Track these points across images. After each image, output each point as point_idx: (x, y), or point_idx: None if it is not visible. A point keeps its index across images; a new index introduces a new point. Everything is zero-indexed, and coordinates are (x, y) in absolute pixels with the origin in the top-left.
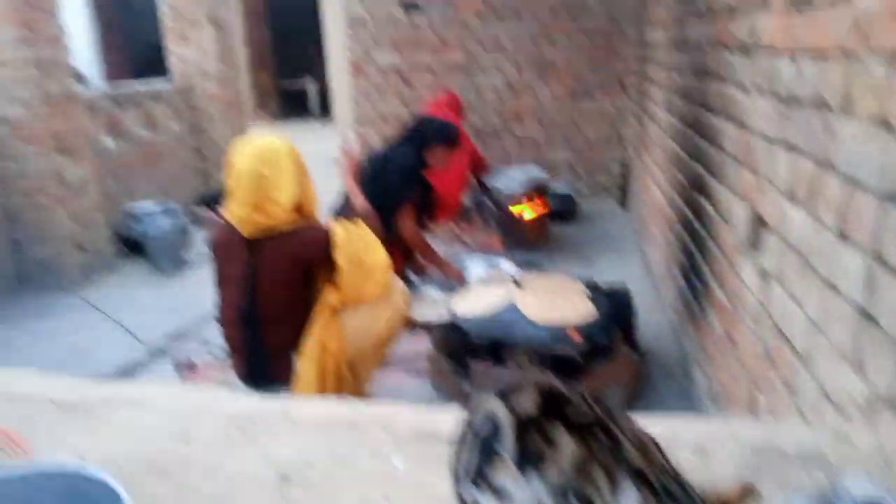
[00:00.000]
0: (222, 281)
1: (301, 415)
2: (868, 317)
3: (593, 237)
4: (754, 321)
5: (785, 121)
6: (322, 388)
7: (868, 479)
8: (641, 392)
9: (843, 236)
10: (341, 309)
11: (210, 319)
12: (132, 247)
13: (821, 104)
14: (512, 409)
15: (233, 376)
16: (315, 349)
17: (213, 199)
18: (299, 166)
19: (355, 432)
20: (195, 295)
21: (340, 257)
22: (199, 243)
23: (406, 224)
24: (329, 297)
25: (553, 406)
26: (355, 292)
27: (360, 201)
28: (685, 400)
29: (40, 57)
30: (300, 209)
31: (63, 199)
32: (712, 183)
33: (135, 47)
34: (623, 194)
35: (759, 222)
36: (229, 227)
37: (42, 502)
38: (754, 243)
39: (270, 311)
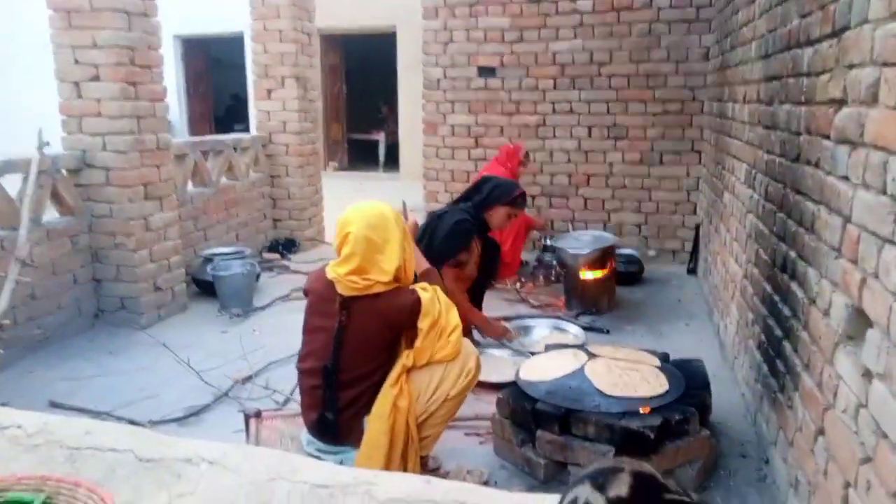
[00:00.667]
0: (309, 330)
1: (381, 490)
2: None
3: (659, 303)
4: (851, 417)
5: None
6: (390, 446)
7: None
8: (714, 471)
9: None
10: (413, 368)
11: (275, 365)
12: (204, 288)
13: None
14: (606, 497)
15: (298, 427)
16: (386, 406)
17: (283, 246)
18: (404, 233)
19: None
20: (261, 340)
21: (423, 322)
22: (269, 288)
23: (446, 279)
24: (405, 358)
25: (647, 493)
26: (429, 353)
27: (424, 264)
28: (760, 484)
29: (139, 111)
30: (399, 276)
31: (146, 242)
32: (803, 267)
33: (219, 99)
34: (693, 261)
35: (860, 316)
36: (326, 281)
37: None
38: (854, 336)
39: (351, 369)
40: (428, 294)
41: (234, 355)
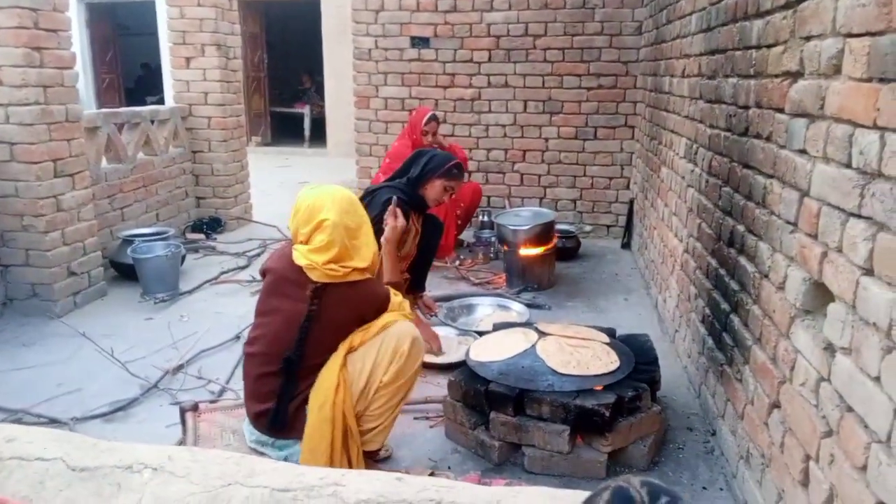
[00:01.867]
0: (265, 312)
1: (350, 490)
2: None
3: (597, 278)
4: (811, 391)
5: (863, 193)
6: (329, 440)
7: None
8: (663, 446)
9: None
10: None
11: (208, 353)
12: (124, 272)
13: None
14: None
15: (239, 419)
16: (322, 398)
17: (207, 225)
18: (369, 221)
19: None
20: (191, 326)
21: (379, 321)
22: (195, 270)
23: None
24: (341, 351)
25: None
26: (359, 340)
27: (393, 278)
28: (709, 456)
29: (46, 79)
30: (374, 261)
31: (57, 223)
32: (753, 241)
33: (128, 69)
34: (626, 235)
35: (820, 290)
36: (292, 264)
37: None
38: (813, 311)
39: (313, 359)
40: (398, 299)
41: (161, 343)
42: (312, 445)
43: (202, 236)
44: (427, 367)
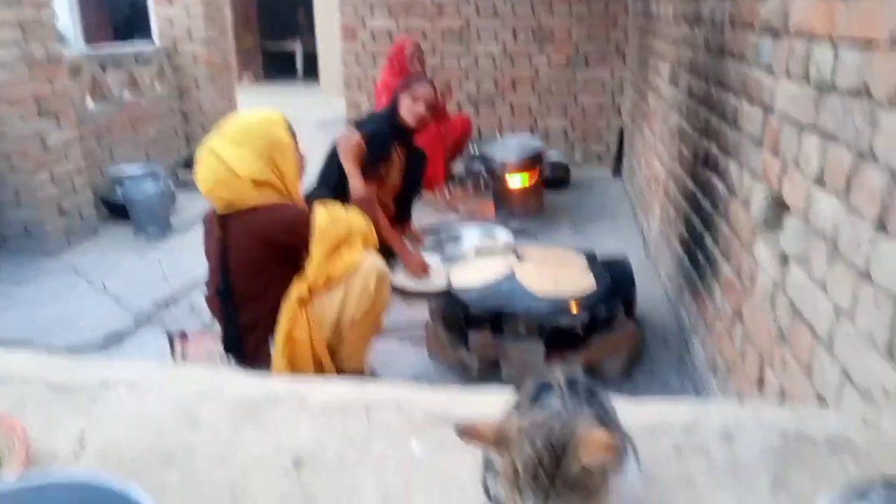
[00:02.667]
0: (206, 256)
1: (314, 397)
2: None
3: (587, 206)
4: (768, 301)
5: (818, 107)
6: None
7: None
8: (638, 361)
9: (882, 227)
10: (315, 294)
11: (198, 287)
12: (116, 211)
13: (863, 94)
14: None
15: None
16: (280, 339)
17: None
18: (272, 141)
19: (370, 416)
20: (182, 261)
21: (317, 249)
22: (186, 208)
23: (364, 191)
24: (296, 289)
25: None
26: (323, 279)
27: (358, 188)
28: (681, 369)
29: (24, 18)
30: (271, 186)
31: (45, 163)
32: (725, 161)
33: (114, 7)
34: (617, 163)
35: (779, 204)
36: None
37: None
38: (772, 225)
39: (241, 288)
40: (325, 216)
41: (153, 279)
42: None
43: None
44: (411, 293)
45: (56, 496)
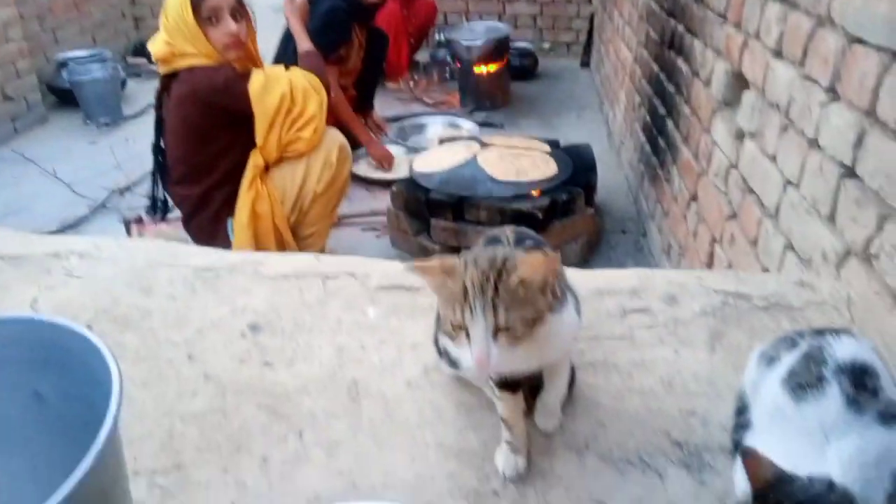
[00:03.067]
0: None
1: (270, 267)
2: (851, 173)
3: (553, 97)
4: (722, 179)
5: None
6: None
7: (853, 339)
8: (597, 247)
9: (833, 93)
10: (270, 167)
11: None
12: (64, 98)
13: None
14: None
15: (181, 230)
16: (244, 214)
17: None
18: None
19: (326, 284)
20: (136, 148)
21: (257, 107)
22: (138, 95)
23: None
24: (254, 158)
25: None
26: (277, 148)
27: (304, 45)
28: (637, 254)
29: None
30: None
31: None
32: (690, 40)
33: None
34: (586, 53)
35: (738, 80)
36: None
37: (10, 357)
38: (731, 101)
39: (172, 156)
40: (260, 78)
41: (107, 166)
42: None
43: (144, 60)
44: (374, 182)
45: (7, 336)
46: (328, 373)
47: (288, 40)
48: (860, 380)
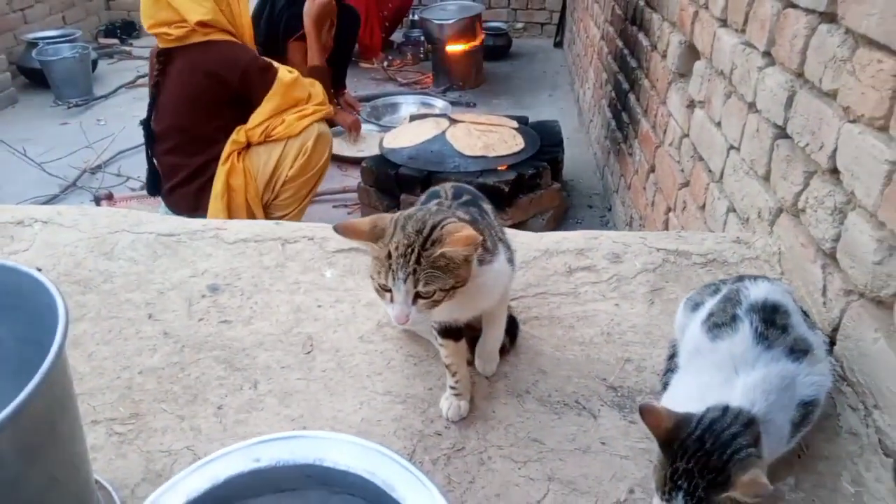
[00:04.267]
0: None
1: (230, 232)
2: (783, 133)
3: (525, 76)
4: (676, 148)
5: None
6: None
7: (769, 283)
8: (563, 221)
9: (769, 56)
10: (253, 146)
11: (127, 154)
12: (34, 79)
13: None
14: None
15: (155, 208)
16: (219, 185)
17: (121, 30)
18: None
19: (284, 248)
20: (107, 128)
21: (270, 100)
22: (109, 76)
23: (294, 60)
24: (235, 134)
25: None
26: (262, 129)
27: (315, 59)
28: (603, 228)
29: None
30: (220, 26)
31: None
32: (650, 14)
33: None
34: (559, 33)
35: (691, 51)
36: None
37: None
38: (684, 71)
39: (165, 127)
40: (289, 76)
41: (77, 146)
42: None
43: (116, 41)
44: (346, 160)
45: None
46: (284, 329)
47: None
48: (770, 317)
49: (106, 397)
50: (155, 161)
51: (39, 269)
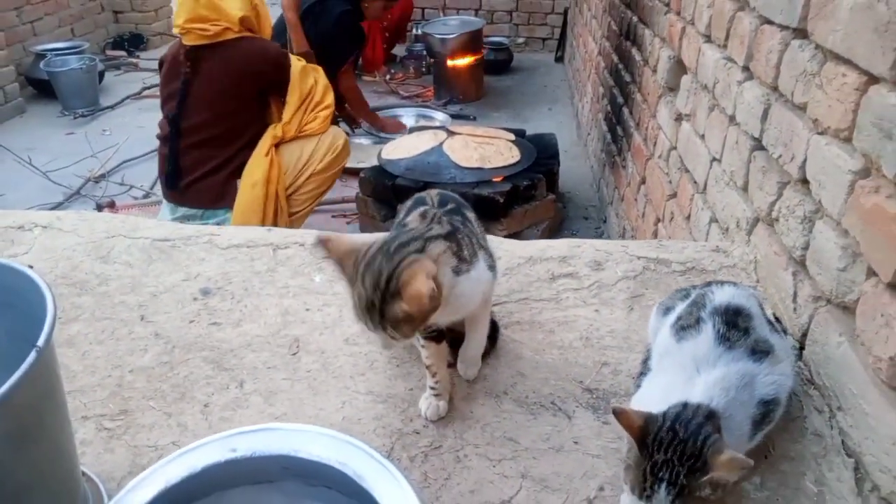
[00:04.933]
0: (164, 100)
1: (224, 238)
2: (760, 145)
3: (526, 90)
4: (664, 160)
5: None
6: (262, 215)
7: (735, 287)
8: (558, 233)
9: (748, 70)
10: (283, 142)
11: (131, 163)
12: (42, 89)
13: None
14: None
15: (153, 215)
16: (259, 174)
17: (129, 42)
18: None
19: (276, 253)
20: (112, 138)
21: (292, 95)
22: (115, 87)
23: (349, 85)
24: (274, 129)
25: None
26: (297, 125)
27: (302, 45)
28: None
29: None
30: (250, 26)
31: None
32: (642, 30)
33: None
34: (560, 48)
35: (679, 65)
36: (177, 42)
37: None
38: (672, 85)
39: (196, 122)
40: (300, 64)
41: (82, 155)
42: (245, 218)
43: (123, 53)
44: (346, 171)
45: None
46: (272, 331)
47: (282, 31)
48: (733, 320)
49: (97, 394)
50: (180, 157)
51: (31, 267)
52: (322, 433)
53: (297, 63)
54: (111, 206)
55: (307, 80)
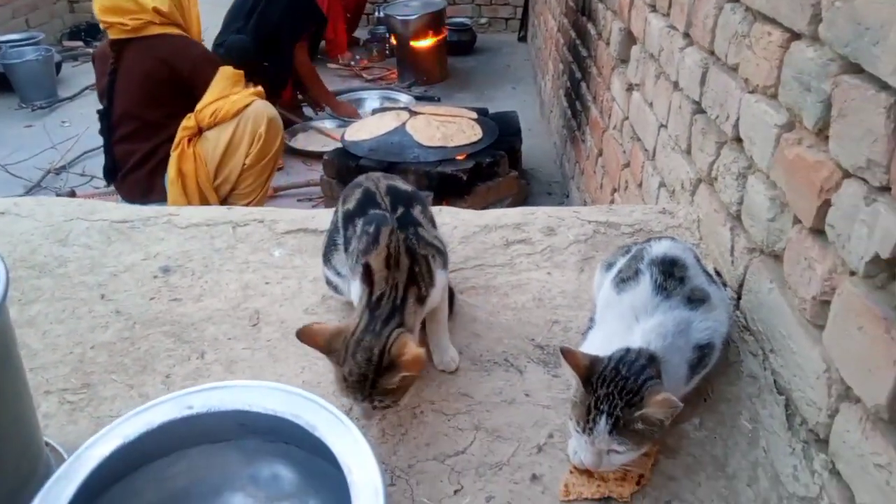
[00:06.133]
0: (99, 94)
1: (183, 218)
2: (700, 108)
3: (489, 71)
4: (619, 131)
5: None
6: None
7: (672, 241)
8: None
9: (688, 37)
10: (202, 131)
11: (91, 154)
12: None
13: None
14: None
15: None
16: (172, 171)
17: (86, 32)
18: None
19: (235, 231)
20: (71, 130)
21: (215, 87)
22: (74, 78)
23: (302, 60)
24: (185, 120)
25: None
26: (213, 112)
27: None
28: None
29: None
30: (173, 19)
31: None
32: (596, 4)
33: None
34: (523, 28)
35: (629, 37)
36: (106, 37)
37: None
38: (623, 56)
39: (120, 115)
40: (236, 72)
41: (42, 147)
42: None
43: (80, 44)
44: (310, 154)
45: None
46: (233, 305)
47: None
48: (669, 270)
49: (59, 370)
50: (113, 150)
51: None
52: (275, 387)
53: (230, 69)
54: (71, 195)
55: (237, 83)
